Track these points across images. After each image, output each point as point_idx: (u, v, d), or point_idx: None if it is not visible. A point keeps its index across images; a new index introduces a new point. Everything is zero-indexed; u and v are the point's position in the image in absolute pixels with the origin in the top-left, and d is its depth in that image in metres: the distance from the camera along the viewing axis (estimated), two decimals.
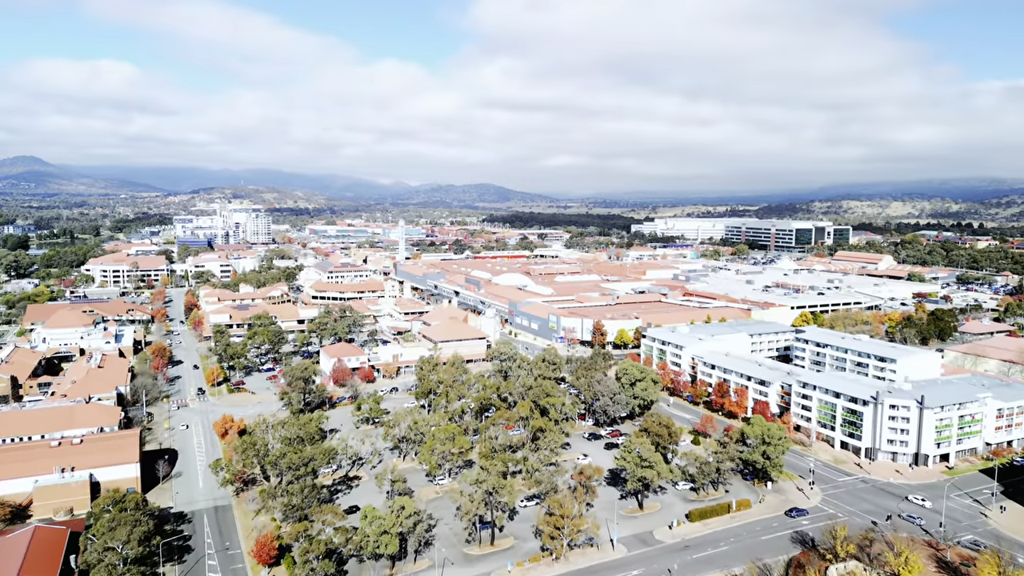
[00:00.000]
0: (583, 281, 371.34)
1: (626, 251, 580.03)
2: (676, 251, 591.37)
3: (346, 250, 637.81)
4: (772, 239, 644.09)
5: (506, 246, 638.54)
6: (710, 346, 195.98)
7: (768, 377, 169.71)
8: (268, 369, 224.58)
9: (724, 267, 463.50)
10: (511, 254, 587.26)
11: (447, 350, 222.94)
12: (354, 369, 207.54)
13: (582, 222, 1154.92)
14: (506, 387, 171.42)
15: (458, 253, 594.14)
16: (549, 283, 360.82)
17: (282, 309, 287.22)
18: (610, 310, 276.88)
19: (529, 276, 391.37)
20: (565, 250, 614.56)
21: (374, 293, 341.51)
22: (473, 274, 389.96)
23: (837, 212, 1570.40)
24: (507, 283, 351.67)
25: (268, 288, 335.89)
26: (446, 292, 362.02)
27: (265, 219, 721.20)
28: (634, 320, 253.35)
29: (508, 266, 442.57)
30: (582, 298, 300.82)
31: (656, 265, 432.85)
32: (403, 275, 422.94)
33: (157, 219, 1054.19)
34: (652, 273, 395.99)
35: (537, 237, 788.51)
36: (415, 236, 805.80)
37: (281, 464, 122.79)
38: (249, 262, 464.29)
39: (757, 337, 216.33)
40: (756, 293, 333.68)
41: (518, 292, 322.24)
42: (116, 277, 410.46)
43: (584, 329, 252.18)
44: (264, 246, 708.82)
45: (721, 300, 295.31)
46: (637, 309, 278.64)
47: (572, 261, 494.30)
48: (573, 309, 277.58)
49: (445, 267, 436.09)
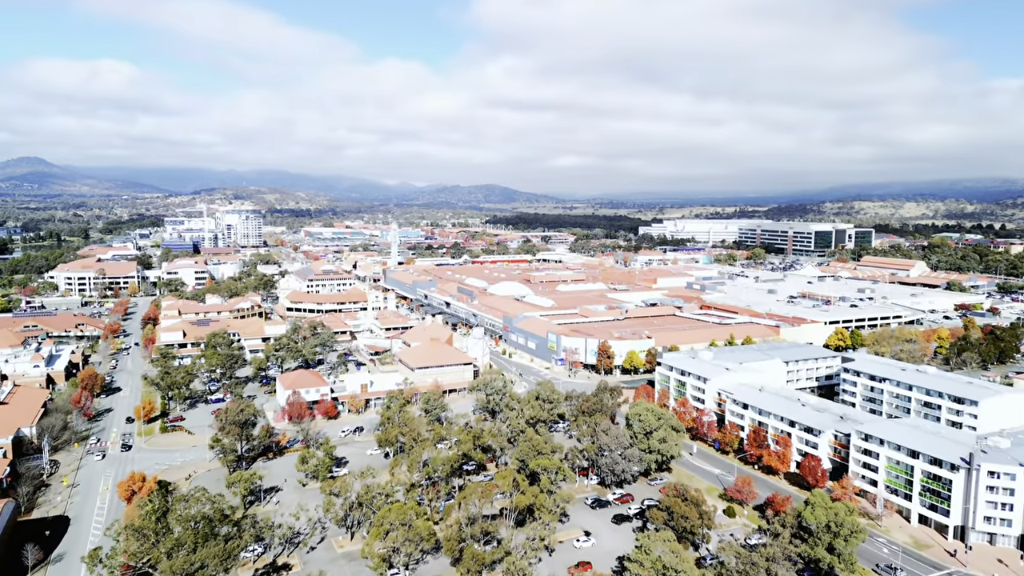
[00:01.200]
0: (588, 291, 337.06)
1: (634, 255, 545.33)
2: (687, 255, 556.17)
3: (339, 254, 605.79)
4: (789, 242, 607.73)
5: (507, 250, 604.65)
6: (740, 378, 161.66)
7: (817, 423, 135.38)
8: (217, 400, 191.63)
9: (741, 273, 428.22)
10: (512, 258, 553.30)
11: (426, 377, 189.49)
12: (313, 403, 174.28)
13: (588, 223, 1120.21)
14: (489, 432, 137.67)
15: (456, 257, 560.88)
16: (550, 293, 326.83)
17: (247, 324, 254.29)
18: (618, 326, 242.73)
19: (529, 284, 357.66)
20: (569, 254, 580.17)
21: (356, 305, 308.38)
22: (467, 282, 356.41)
23: (849, 213, 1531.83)
24: (504, 293, 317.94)
25: (239, 299, 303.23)
26: (436, 303, 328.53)
27: (256, 221, 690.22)
28: (646, 340, 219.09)
29: (507, 273, 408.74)
30: (586, 311, 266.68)
31: (667, 272, 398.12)
32: (393, 283, 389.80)
33: (150, 221, 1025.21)
34: (664, 281, 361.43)
35: (540, 240, 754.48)
36: (413, 239, 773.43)
37: (166, 567, 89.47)
38: (229, 268, 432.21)
39: (794, 365, 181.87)
40: (781, 305, 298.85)
41: (515, 304, 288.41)
42: (82, 285, 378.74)
43: (588, 350, 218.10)
44: (255, 249, 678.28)
45: (744, 315, 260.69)
46: (649, 326, 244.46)
47: (576, 267, 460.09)
48: (576, 326, 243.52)
49: (439, 274, 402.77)
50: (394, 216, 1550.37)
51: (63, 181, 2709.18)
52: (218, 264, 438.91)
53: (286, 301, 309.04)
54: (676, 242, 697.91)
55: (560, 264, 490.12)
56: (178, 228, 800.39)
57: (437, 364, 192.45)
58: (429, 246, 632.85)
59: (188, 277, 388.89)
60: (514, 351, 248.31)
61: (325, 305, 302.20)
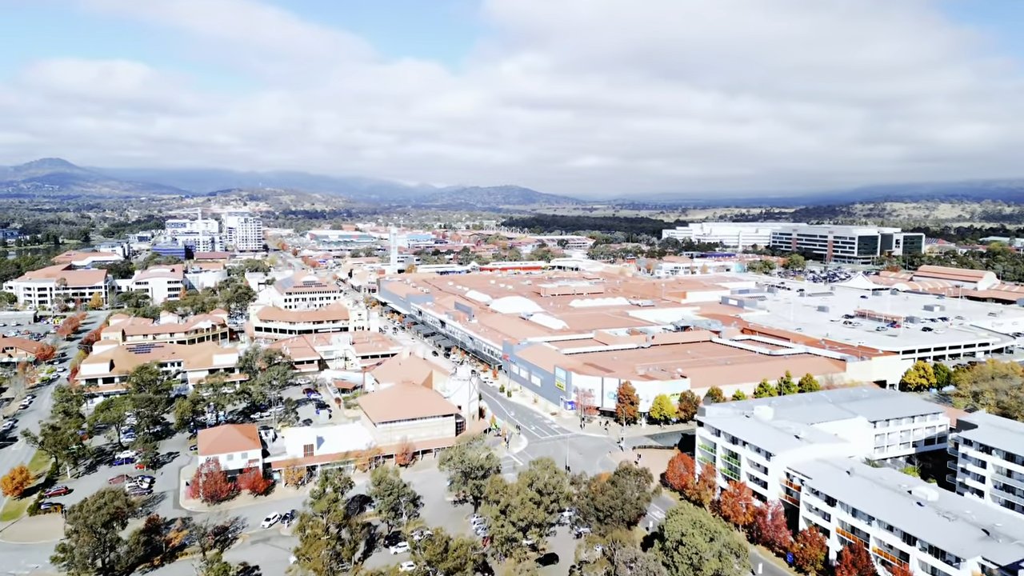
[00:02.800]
0: (606, 307, 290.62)
1: (658, 262, 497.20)
2: (717, 262, 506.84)
3: (339, 259, 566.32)
4: (829, 248, 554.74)
5: (519, 255, 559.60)
6: (815, 451, 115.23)
7: (951, 544, 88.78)
8: (125, 460, 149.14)
9: (781, 285, 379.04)
10: (524, 264, 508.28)
11: (392, 434, 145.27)
12: (235, 473, 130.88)
13: (608, 226, 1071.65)
14: (461, 548, 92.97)
15: (463, 264, 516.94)
16: (562, 310, 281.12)
17: (197, 351, 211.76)
18: (643, 358, 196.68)
19: (539, 298, 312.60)
20: (587, 260, 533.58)
21: (335, 323, 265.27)
22: (468, 296, 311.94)
23: (880, 215, 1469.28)
24: (508, 310, 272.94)
25: (201, 317, 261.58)
26: (431, 321, 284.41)
27: (255, 224, 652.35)
28: (679, 380, 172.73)
29: (515, 283, 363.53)
30: (604, 337, 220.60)
31: (698, 283, 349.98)
32: (386, 295, 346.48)
33: (155, 224, 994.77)
34: (695, 295, 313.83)
35: (556, 244, 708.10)
36: (423, 242, 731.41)
37: None
38: (210, 276, 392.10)
39: (883, 426, 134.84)
40: (837, 327, 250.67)
41: (519, 325, 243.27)
42: (43, 296, 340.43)
43: (605, 392, 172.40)
44: (253, 253, 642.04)
45: (798, 343, 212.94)
46: (681, 357, 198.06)
47: (594, 276, 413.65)
48: (591, 357, 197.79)
49: (439, 284, 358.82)
50: (410, 218, 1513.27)
51: (84, 182, 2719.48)
52: (199, 272, 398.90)
53: (255, 319, 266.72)
54: (703, 247, 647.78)
55: (576, 272, 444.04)
56: (181, 231, 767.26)
57: (408, 416, 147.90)
58: (436, 251, 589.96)
59: (159, 288, 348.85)
60: (515, 387, 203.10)
61: (299, 324, 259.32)
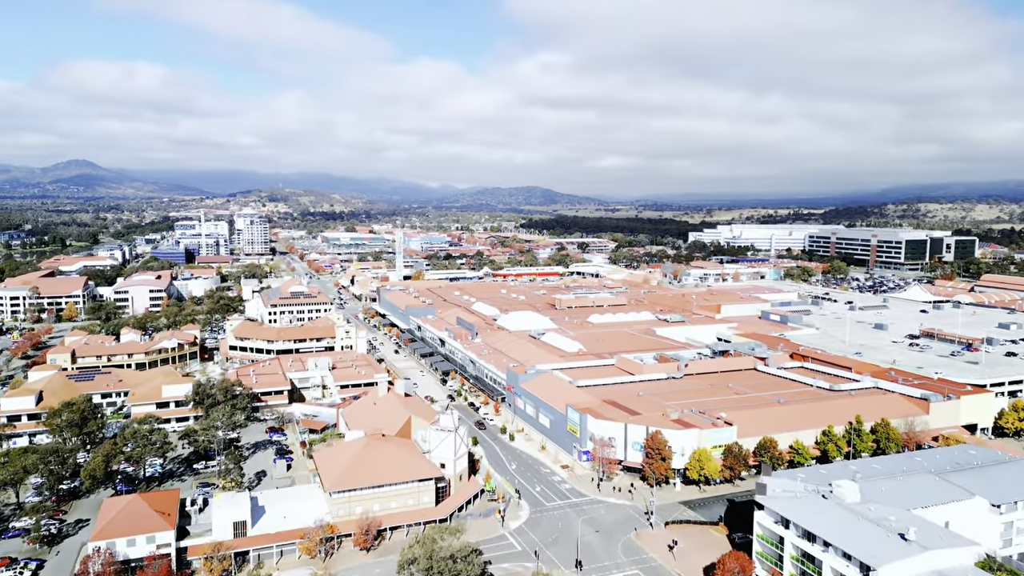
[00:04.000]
0: (630, 323, 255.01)
1: (685, 268, 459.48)
2: (749, 268, 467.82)
3: (347, 263, 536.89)
4: (872, 252, 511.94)
5: (535, 260, 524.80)
6: (933, 561, 79.81)
7: None
8: (19, 532, 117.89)
9: (826, 296, 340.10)
10: (540, 270, 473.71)
11: (353, 506, 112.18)
12: (137, 564, 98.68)
13: (630, 227, 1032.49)
14: None
15: (476, 269, 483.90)
16: (579, 327, 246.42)
17: (147, 379, 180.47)
18: (674, 392, 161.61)
19: (553, 311, 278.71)
20: (608, 266, 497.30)
21: (319, 342, 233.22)
22: (474, 309, 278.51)
23: (915, 216, 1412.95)
24: (516, 326, 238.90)
25: (168, 334, 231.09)
26: (431, 338, 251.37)
27: (261, 226, 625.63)
28: (722, 429, 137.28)
29: (528, 294, 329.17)
30: (627, 365, 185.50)
31: (732, 295, 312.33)
32: (386, 306, 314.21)
33: (166, 226, 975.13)
34: (730, 309, 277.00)
35: (576, 247, 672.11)
36: (436, 245, 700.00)
37: None
38: (200, 284, 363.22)
39: (1012, 511, 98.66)
40: (902, 351, 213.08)
41: (528, 346, 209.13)
42: (15, 306, 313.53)
43: (629, 441, 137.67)
44: (259, 256, 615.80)
45: (863, 373, 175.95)
46: (721, 392, 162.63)
47: (616, 284, 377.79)
48: (611, 391, 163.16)
49: (445, 294, 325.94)
50: (429, 219, 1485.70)
51: (110, 184, 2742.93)
52: (188, 279, 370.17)
53: (231, 336, 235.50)
54: (733, 251, 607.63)
55: (596, 280, 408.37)
56: (186, 232, 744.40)
57: (372, 483, 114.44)
58: (449, 255, 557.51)
59: (140, 297, 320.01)
60: (519, 427, 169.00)
61: (278, 342, 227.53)
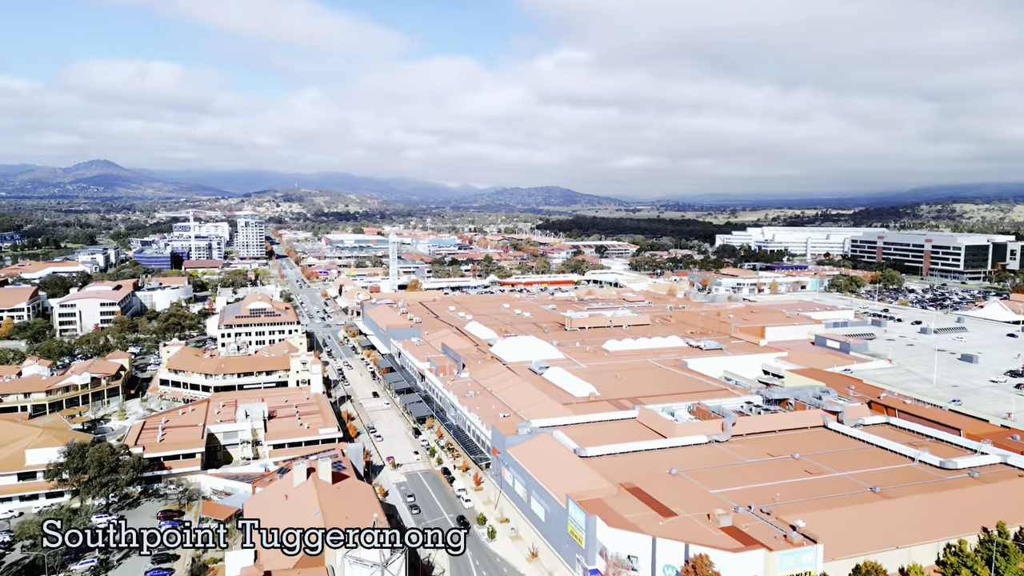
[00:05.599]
0: (655, 352, 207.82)
1: (715, 276, 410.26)
2: (788, 276, 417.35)
3: (345, 268, 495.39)
4: (926, 259, 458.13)
5: (548, 266, 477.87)
6: None
7: None
8: None
9: (885, 314, 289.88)
10: (553, 278, 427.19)
11: None
12: None
13: (652, 229, 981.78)
14: None
15: (483, 276, 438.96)
16: (592, 356, 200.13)
17: (14, 436, 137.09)
18: (720, 466, 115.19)
19: (562, 332, 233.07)
20: (629, 273, 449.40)
21: (270, 375, 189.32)
22: (468, 329, 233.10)
23: (950, 217, 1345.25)
24: (514, 356, 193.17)
25: (86, 364, 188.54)
26: (411, 369, 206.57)
27: (256, 228, 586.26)
28: (802, 548, 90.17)
29: (535, 309, 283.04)
30: (652, 419, 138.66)
31: (777, 313, 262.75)
32: (369, 324, 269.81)
33: (167, 227, 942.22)
34: (776, 332, 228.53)
35: (594, 251, 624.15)
36: (445, 248, 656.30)
37: None
38: (166, 295, 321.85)
39: None
40: (1007, 394, 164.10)
41: (525, 387, 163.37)
42: None
43: (658, 564, 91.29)
44: (255, 260, 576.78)
45: (982, 439, 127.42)
46: (788, 471, 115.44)
47: (638, 296, 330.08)
48: (631, 465, 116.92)
49: (438, 308, 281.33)
50: (444, 220, 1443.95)
51: (130, 184, 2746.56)
52: (155, 289, 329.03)
53: (164, 366, 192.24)
54: (766, 256, 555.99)
55: (615, 291, 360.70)
56: (186, 234, 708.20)
57: None
58: (455, 260, 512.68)
59: (90, 312, 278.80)
60: (504, 515, 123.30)
61: (218, 377, 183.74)
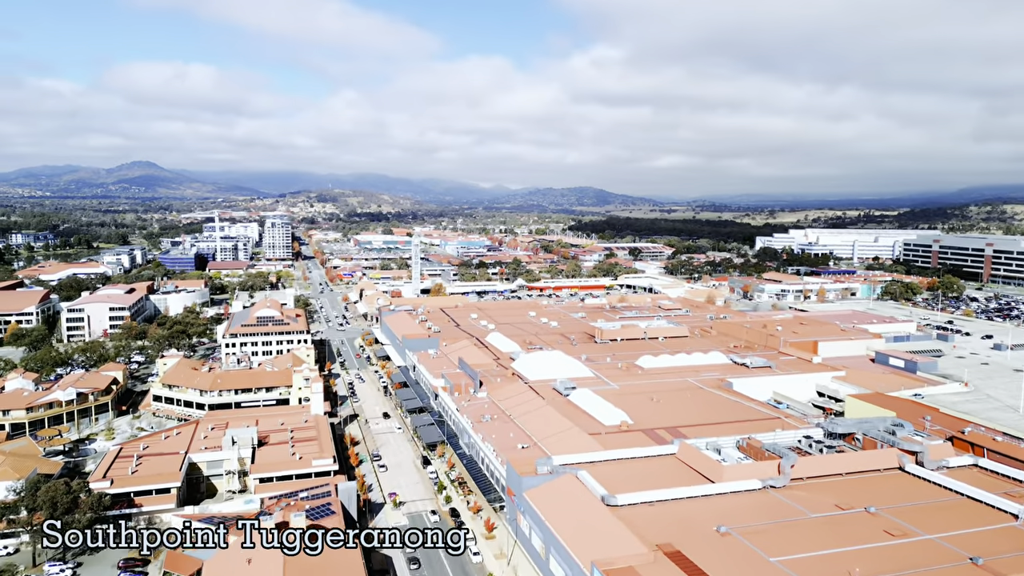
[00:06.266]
0: (696, 370, 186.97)
1: (757, 282, 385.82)
2: (836, 282, 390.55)
3: (371, 270, 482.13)
4: (987, 264, 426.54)
5: (579, 270, 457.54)
6: None
7: None
8: None
9: (950, 326, 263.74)
10: (583, 283, 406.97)
11: None
12: None
13: (688, 230, 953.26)
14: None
15: (511, 279, 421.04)
16: (625, 374, 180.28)
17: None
18: (779, 523, 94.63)
19: (593, 345, 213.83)
20: (665, 277, 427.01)
21: (270, 392, 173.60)
22: (489, 341, 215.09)
23: (1001, 218, 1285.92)
24: (537, 373, 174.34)
25: (75, 378, 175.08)
26: (426, 385, 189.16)
27: (282, 230, 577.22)
28: None
29: (563, 318, 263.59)
30: (695, 459, 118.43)
31: (829, 326, 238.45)
32: (386, 332, 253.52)
33: (199, 226, 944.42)
34: (830, 347, 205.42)
35: (628, 253, 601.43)
36: (474, 250, 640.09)
37: None
38: (180, 299, 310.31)
39: None
40: None
41: (549, 410, 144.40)
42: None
43: None
44: (280, 262, 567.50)
45: None
46: (862, 532, 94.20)
47: (674, 303, 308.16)
48: (668, 520, 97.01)
49: (459, 316, 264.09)
50: (475, 220, 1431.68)
51: (171, 184, 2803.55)
52: (169, 293, 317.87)
53: (159, 381, 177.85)
54: (810, 260, 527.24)
55: (650, 297, 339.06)
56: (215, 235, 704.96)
57: None
58: (482, 263, 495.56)
59: (99, 317, 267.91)
60: (523, 570, 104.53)
61: (213, 394, 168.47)
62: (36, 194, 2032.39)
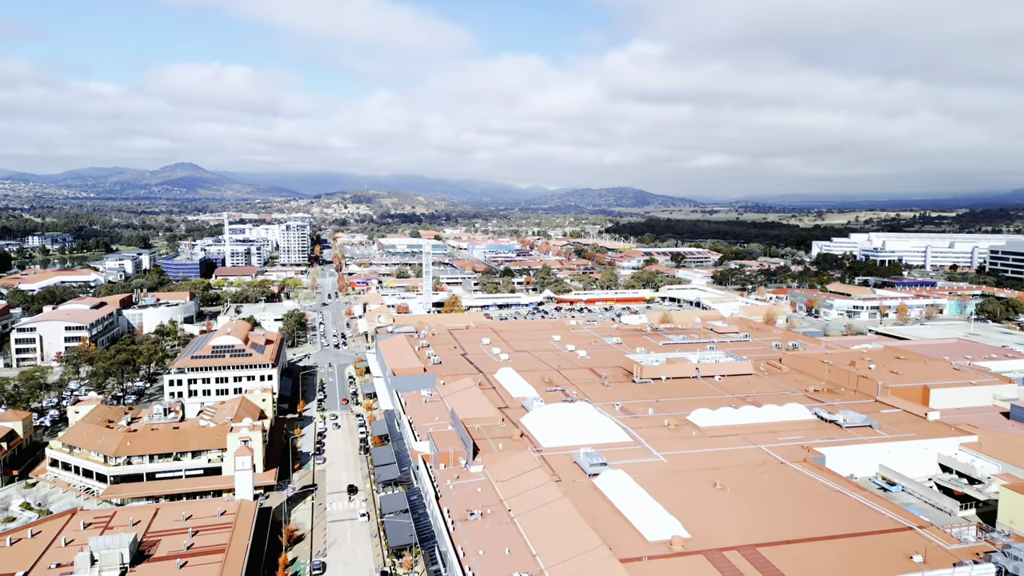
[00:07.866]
0: (770, 431, 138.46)
1: (824, 296, 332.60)
2: (916, 297, 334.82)
3: (388, 277, 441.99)
4: None
5: (615, 279, 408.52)
6: None
7: None
8: None
9: None
10: (619, 295, 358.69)
11: None
12: None
13: (733, 233, 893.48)
14: None
15: (536, 290, 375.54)
16: (674, 435, 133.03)
17: None
18: None
19: (631, 386, 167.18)
20: (713, 290, 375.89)
21: (196, 458, 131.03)
22: (498, 379, 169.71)
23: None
24: (554, 437, 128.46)
25: None
26: (410, 448, 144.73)
27: (298, 233, 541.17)
28: None
29: (593, 346, 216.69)
30: None
31: (940, 365, 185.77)
32: (379, 361, 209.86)
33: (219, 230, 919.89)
34: (944, 396, 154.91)
35: (670, 259, 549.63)
36: (502, 254, 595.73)
37: None
38: (156, 315, 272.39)
39: None
40: None
41: (567, 511, 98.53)
42: None
43: None
44: (296, 267, 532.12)
45: None
46: None
47: (729, 324, 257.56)
48: None
49: (468, 340, 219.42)
50: (509, 222, 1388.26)
51: (211, 186, 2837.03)
52: (147, 307, 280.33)
53: (59, 442, 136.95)
54: (877, 268, 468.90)
55: (699, 314, 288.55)
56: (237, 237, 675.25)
57: None
58: (508, 270, 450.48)
59: (53, 337, 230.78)
60: None
61: (118, 462, 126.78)
62: (80, 195, 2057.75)
